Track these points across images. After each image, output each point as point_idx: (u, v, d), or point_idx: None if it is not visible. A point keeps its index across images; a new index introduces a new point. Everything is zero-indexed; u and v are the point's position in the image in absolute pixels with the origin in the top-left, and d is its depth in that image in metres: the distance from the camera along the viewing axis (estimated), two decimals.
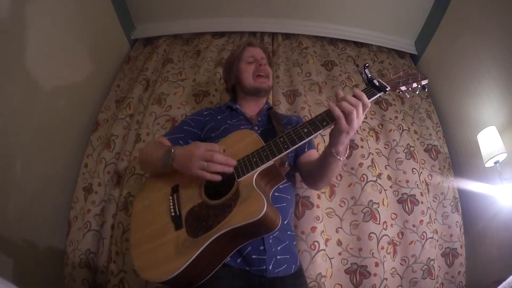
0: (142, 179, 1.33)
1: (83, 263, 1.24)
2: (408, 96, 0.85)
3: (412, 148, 1.52)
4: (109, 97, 1.74)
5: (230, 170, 0.79)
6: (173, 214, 0.82)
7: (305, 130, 0.77)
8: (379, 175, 1.41)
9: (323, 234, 1.23)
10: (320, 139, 1.47)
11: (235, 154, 0.83)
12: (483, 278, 1.34)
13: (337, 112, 0.73)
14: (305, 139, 0.76)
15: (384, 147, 1.54)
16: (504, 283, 0.71)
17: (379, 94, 0.78)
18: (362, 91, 0.76)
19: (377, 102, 1.71)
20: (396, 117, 1.65)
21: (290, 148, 0.77)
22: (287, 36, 2.02)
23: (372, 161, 1.44)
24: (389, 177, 1.44)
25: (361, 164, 1.41)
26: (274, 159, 0.77)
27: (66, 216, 1.38)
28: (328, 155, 0.83)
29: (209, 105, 1.55)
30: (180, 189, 0.87)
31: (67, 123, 1.49)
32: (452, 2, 1.69)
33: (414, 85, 0.82)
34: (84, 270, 1.23)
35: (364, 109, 0.73)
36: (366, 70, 0.80)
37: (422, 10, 1.88)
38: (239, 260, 0.82)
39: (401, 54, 2.08)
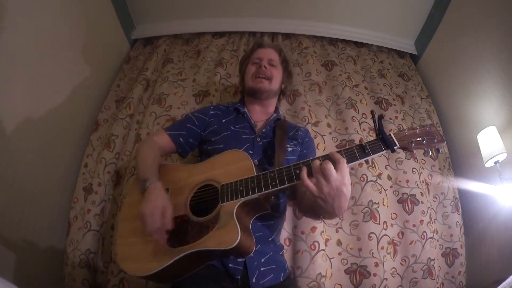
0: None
1: (83, 263, 1.24)
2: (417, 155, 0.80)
3: None
4: (109, 97, 1.74)
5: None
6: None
7: (298, 171, 0.74)
8: (379, 175, 1.41)
9: (323, 234, 1.23)
10: (320, 139, 1.47)
11: (226, 175, 0.84)
12: (483, 278, 1.34)
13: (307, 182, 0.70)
14: (294, 181, 0.74)
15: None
16: (504, 283, 0.71)
17: (384, 151, 0.73)
18: (367, 143, 0.74)
19: (377, 102, 1.71)
20: (396, 117, 1.65)
21: (277, 187, 0.75)
22: (287, 36, 2.02)
23: (372, 161, 1.44)
24: (389, 177, 1.44)
25: (361, 164, 1.41)
26: (259, 193, 0.77)
27: (66, 216, 1.38)
28: (317, 213, 0.80)
29: (209, 105, 1.54)
30: (170, 194, 0.88)
31: (67, 123, 1.49)
32: (452, 2, 1.69)
33: (426, 148, 0.74)
34: (84, 270, 1.23)
35: (329, 173, 0.67)
36: (380, 122, 0.76)
37: (422, 10, 1.88)
38: (221, 264, 0.85)
39: (401, 54, 2.08)
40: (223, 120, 1.09)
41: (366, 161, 1.43)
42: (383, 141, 0.74)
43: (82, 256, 1.25)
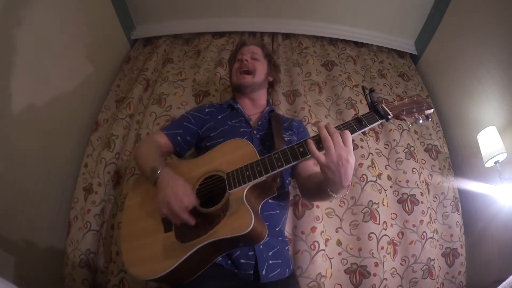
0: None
1: (83, 263, 1.24)
2: (410, 125, 0.84)
3: (412, 148, 1.52)
4: (109, 97, 1.74)
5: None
6: (164, 215, 0.83)
7: (301, 149, 0.76)
8: (379, 175, 1.41)
9: (323, 234, 1.23)
10: None
11: (230, 163, 0.83)
12: (483, 278, 1.34)
13: (312, 145, 0.72)
14: (299, 159, 0.75)
15: (384, 147, 1.54)
16: (504, 283, 0.71)
17: (380, 121, 0.77)
18: (363, 115, 0.77)
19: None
20: None
21: (283, 166, 0.76)
22: (287, 36, 2.02)
23: (372, 161, 1.44)
24: (389, 177, 1.44)
25: (361, 164, 1.41)
26: (267, 175, 0.77)
27: (66, 216, 1.38)
28: (323, 189, 0.79)
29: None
30: None
31: (67, 123, 1.49)
32: (452, 2, 1.69)
33: (417, 115, 0.79)
34: (84, 270, 1.23)
35: (341, 139, 0.70)
36: (371, 95, 0.79)
37: (422, 10, 1.88)
38: (229, 262, 0.83)
39: (401, 54, 2.08)
40: (219, 117, 1.10)
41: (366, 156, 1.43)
42: (377, 112, 0.77)
43: (82, 256, 1.25)
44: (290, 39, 2.00)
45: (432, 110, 0.80)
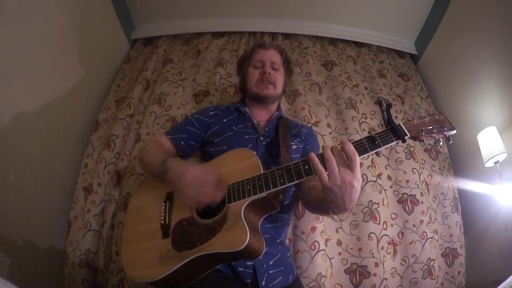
0: (142, 179, 1.33)
1: (83, 263, 1.24)
2: (429, 147, 0.79)
3: (412, 148, 1.52)
4: (109, 97, 1.74)
5: (215, 202, 0.78)
6: (162, 222, 0.83)
7: (306, 167, 0.71)
8: (379, 175, 1.41)
9: (323, 234, 1.23)
10: (320, 139, 1.47)
11: (232, 174, 0.82)
12: (483, 278, 1.34)
13: (318, 164, 0.66)
14: (303, 177, 0.71)
15: (384, 147, 1.54)
16: (504, 283, 0.71)
17: (395, 142, 0.70)
18: (377, 134, 0.70)
19: (376, 102, 1.70)
20: (396, 117, 1.65)
21: (286, 184, 0.72)
22: (287, 36, 2.02)
23: (372, 161, 1.44)
24: (389, 177, 1.44)
25: (361, 164, 1.40)
26: (267, 192, 0.74)
27: (66, 216, 1.38)
28: (324, 207, 0.74)
29: (209, 105, 1.53)
30: (174, 197, 0.87)
31: (67, 123, 1.49)
32: (452, 2, 1.69)
33: (437, 137, 0.72)
34: (84, 270, 1.23)
35: (348, 160, 0.64)
36: (388, 111, 0.72)
37: (422, 10, 1.88)
38: (229, 269, 0.83)
39: (401, 54, 2.08)
40: (224, 120, 1.07)
41: (370, 156, 1.43)
42: (393, 131, 0.70)
43: (82, 256, 1.25)
44: (290, 39, 2.00)
45: (455, 131, 0.73)
